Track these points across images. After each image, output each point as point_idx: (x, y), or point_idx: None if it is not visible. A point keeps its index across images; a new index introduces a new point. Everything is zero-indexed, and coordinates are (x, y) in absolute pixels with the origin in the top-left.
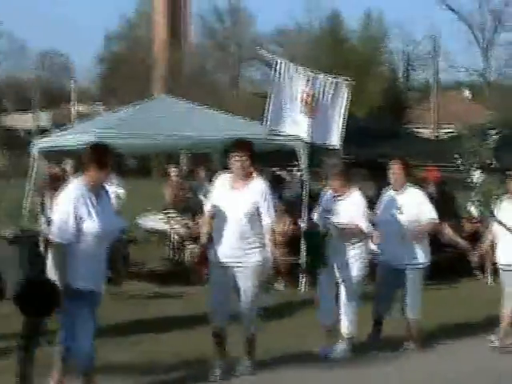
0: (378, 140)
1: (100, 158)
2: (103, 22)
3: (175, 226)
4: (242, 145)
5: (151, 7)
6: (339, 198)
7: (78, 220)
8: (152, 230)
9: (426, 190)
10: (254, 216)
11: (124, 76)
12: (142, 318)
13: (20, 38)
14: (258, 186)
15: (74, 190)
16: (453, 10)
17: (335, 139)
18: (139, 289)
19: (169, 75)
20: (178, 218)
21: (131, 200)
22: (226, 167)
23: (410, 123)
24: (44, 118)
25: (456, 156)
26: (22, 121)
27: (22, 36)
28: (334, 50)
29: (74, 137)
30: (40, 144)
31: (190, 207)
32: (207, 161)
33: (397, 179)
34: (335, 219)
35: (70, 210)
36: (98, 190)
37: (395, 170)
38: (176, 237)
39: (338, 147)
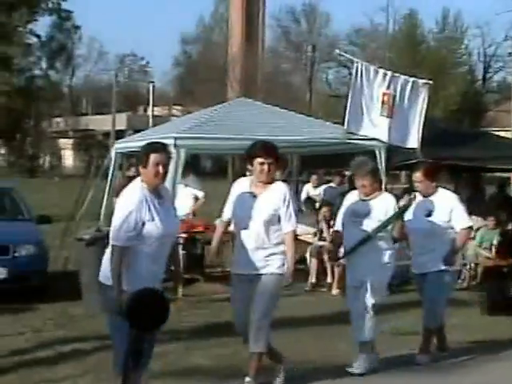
0: (458, 142)
1: (156, 158)
2: (180, 24)
3: None
4: (268, 148)
5: (227, 10)
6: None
7: (140, 223)
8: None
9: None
10: (274, 222)
11: (200, 79)
12: (215, 321)
13: (99, 42)
14: (280, 191)
15: (135, 192)
16: None
17: (414, 141)
18: (212, 291)
19: (244, 78)
20: None
21: (209, 201)
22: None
23: (489, 126)
24: (122, 121)
25: None
26: (100, 123)
27: (100, 39)
28: (410, 51)
29: (152, 139)
30: (118, 146)
31: None
32: (285, 162)
33: (422, 187)
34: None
35: (132, 212)
36: (158, 191)
37: (418, 177)
38: None
39: (416, 149)
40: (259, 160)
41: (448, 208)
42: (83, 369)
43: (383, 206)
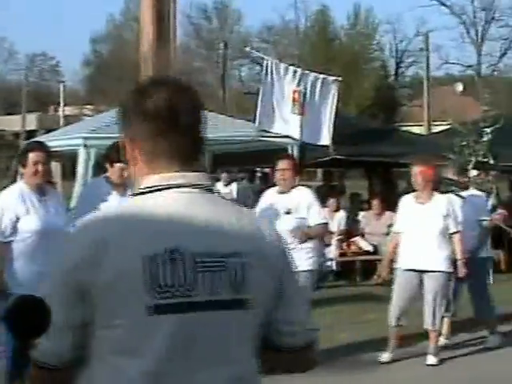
0: (370, 138)
1: (33, 157)
2: (90, 23)
3: None
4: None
5: (138, 8)
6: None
7: (14, 218)
8: None
9: None
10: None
11: (112, 78)
12: None
13: (8, 41)
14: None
15: (11, 190)
16: (445, 4)
17: (325, 138)
18: None
19: (156, 76)
20: None
21: None
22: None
23: (402, 121)
24: (32, 121)
25: (450, 155)
26: (10, 124)
27: (10, 38)
28: (322, 47)
29: (61, 139)
30: None
31: None
32: None
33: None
34: None
35: (4, 209)
36: (42, 190)
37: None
38: None
39: (329, 146)
40: (120, 165)
41: (305, 204)
42: None
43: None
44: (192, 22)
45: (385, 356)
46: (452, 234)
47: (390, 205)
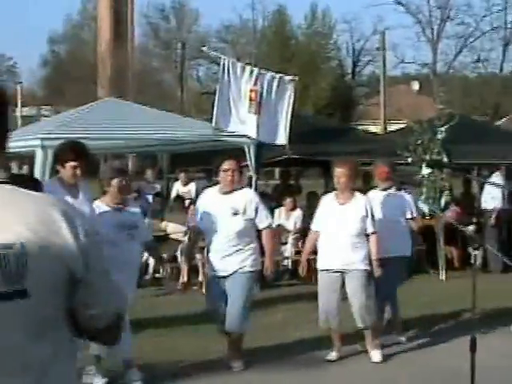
0: (327, 137)
1: None
2: (48, 23)
3: None
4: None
5: (95, 7)
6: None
7: None
8: None
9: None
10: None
11: (70, 78)
12: None
13: None
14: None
15: None
16: (401, 3)
17: (282, 137)
18: None
19: (114, 76)
20: None
21: None
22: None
23: (359, 119)
24: None
25: (405, 153)
26: None
27: None
28: (279, 47)
29: (19, 140)
30: None
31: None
32: (155, 161)
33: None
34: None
35: None
36: None
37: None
38: None
39: (285, 145)
40: (72, 164)
41: (253, 205)
42: None
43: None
44: (150, 21)
45: (332, 355)
46: (369, 234)
47: None
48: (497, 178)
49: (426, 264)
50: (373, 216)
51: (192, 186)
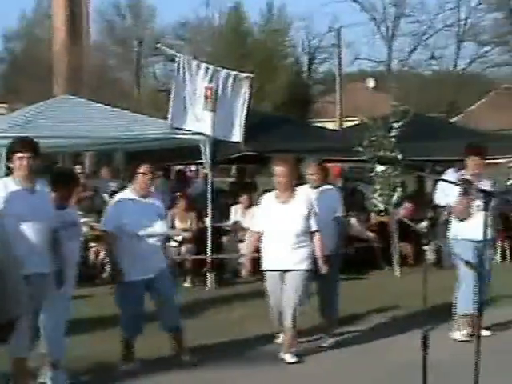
0: (282, 134)
1: None
2: (2, 20)
3: None
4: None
5: (50, 5)
6: None
7: None
8: None
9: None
10: None
11: (25, 76)
12: None
13: None
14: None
15: None
16: (356, 1)
17: (237, 134)
18: None
19: (70, 74)
20: (83, 219)
21: None
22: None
23: (316, 117)
24: None
25: (359, 149)
26: None
27: None
28: (236, 44)
29: None
30: None
31: (94, 207)
32: (111, 160)
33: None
34: None
35: None
36: None
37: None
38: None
39: (240, 142)
40: (18, 155)
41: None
42: None
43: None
44: (105, 19)
45: (286, 356)
46: (312, 232)
47: None
48: (450, 174)
49: (381, 260)
50: (315, 214)
51: None
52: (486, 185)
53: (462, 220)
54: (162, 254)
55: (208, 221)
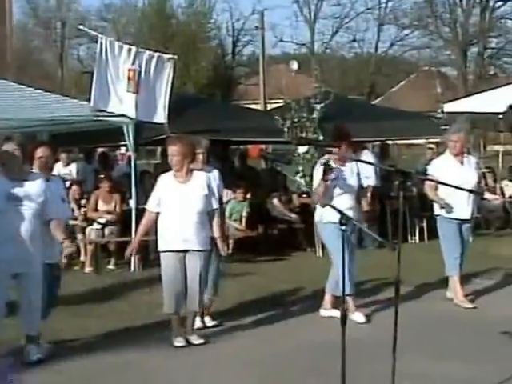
0: (206, 116)
1: None
2: None
3: None
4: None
5: None
6: None
7: None
8: None
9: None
10: None
11: None
12: None
13: None
14: None
15: None
16: None
17: (161, 116)
18: None
19: None
20: None
21: None
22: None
23: (240, 99)
24: None
25: (282, 130)
26: None
27: None
28: (160, 26)
29: None
30: None
31: None
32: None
33: None
34: None
35: None
36: None
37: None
38: None
39: (164, 124)
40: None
41: None
42: None
43: None
44: (29, 0)
45: (179, 340)
46: (213, 210)
47: (228, 183)
48: (366, 156)
49: (304, 241)
50: (214, 193)
51: (73, 167)
52: (348, 169)
53: (323, 206)
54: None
55: (132, 203)
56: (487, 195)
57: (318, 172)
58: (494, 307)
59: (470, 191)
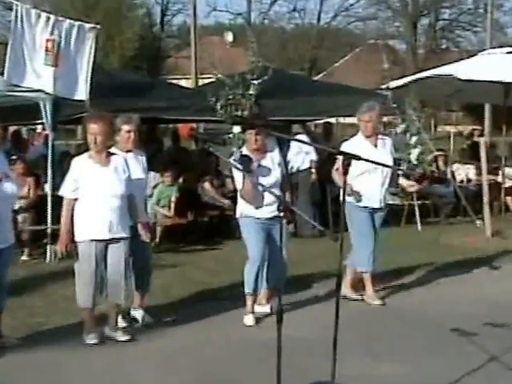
0: (132, 92)
1: None
2: None
3: None
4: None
5: None
6: None
7: None
8: None
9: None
10: None
11: None
12: None
13: None
14: None
15: None
16: None
17: (82, 92)
18: None
19: None
20: None
21: None
22: None
23: (169, 73)
24: None
25: (215, 107)
26: None
27: None
28: None
29: None
30: None
31: None
32: None
33: None
34: None
35: None
36: None
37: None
38: None
39: (85, 101)
40: None
41: None
42: None
43: None
44: None
45: (91, 337)
46: (129, 196)
47: (156, 164)
48: (303, 135)
49: (237, 230)
50: (130, 177)
51: None
52: (268, 162)
53: (251, 203)
54: None
55: (48, 187)
56: (402, 181)
57: (237, 169)
58: (444, 301)
59: (388, 167)
